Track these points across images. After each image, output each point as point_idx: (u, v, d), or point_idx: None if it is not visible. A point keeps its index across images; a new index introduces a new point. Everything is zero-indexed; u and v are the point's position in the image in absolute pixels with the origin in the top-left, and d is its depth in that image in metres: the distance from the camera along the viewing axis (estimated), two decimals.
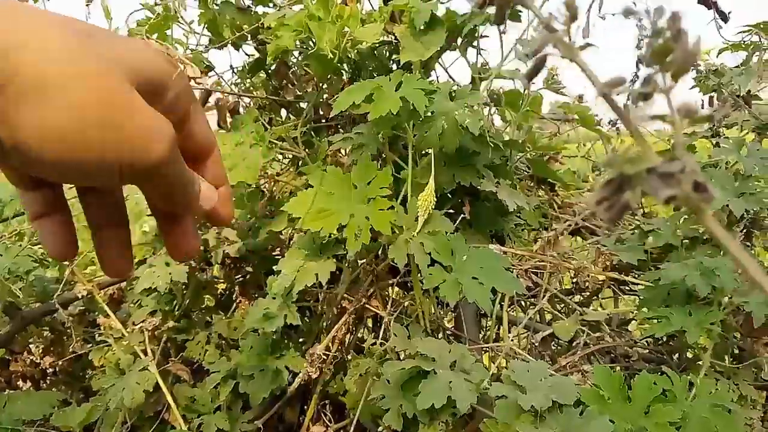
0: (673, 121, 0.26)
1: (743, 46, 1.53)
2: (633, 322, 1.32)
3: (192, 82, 1.38)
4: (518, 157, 1.48)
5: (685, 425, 0.83)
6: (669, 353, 1.16)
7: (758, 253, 1.40)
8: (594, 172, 1.93)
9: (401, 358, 1.01)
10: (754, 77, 1.38)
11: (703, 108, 1.63)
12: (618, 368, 1.13)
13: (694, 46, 0.26)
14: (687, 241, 1.19)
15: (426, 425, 0.92)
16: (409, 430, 0.96)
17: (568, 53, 0.27)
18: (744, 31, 1.47)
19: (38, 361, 1.65)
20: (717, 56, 1.63)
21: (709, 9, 1.20)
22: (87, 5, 1.56)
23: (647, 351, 1.17)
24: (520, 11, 1.13)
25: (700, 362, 1.06)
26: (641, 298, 1.16)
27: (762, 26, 1.44)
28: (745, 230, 1.21)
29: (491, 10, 0.31)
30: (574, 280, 1.36)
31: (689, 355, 1.18)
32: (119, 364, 1.19)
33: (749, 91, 1.37)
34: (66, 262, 1.35)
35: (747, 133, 1.36)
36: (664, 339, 1.21)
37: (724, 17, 1.24)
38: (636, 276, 1.23)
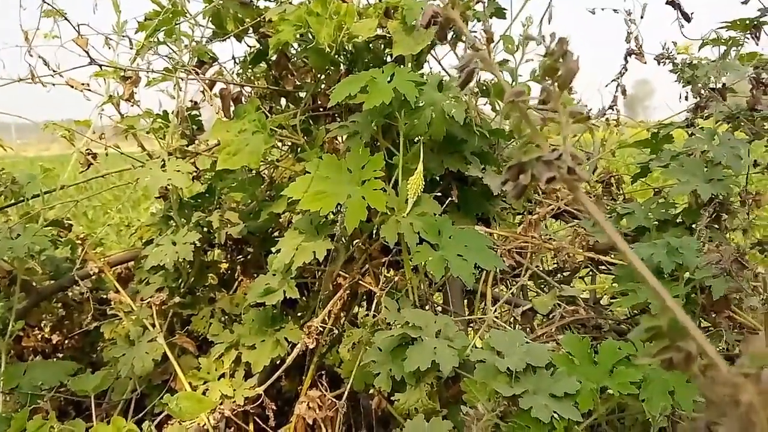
0: (561, 121, 0.34)
1: (722, 41, 1.61)
2: (606, 297, 1.41)
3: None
4: (505, 145, 1.57)
5: (645, 385, 0.92)
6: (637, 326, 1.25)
7: (731, 237, 1.49)
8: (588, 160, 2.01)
9: (391, 329, 1.10)
10: (730, 71, 1.47)
11: (686, 99, 1.71)
12: (589, 337, 1.22)
13: (574, 65, 0.34)
14: (657, 223, 1.28)
15: (413, 386, 1.02)
16: (399, 391, 1.05)
17: (488, 68, 0.36)
18: (722, 27, 1.55)
19: (48, 336, 1.75)
20: (699, 50, 1.72)
21: (675, 9, 1.28)
22: None
23: (617, 323, 1.26)
24: (505, 9, 1.22)
25: None
26: (614, 275, 1.25)
27: (738, 23, 1.53)
28: (714, 213, 1.30)
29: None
30: (555, 260, 1.45)
31: None
32: (129, 335, 1.28)
33: (724, 84, 1.45)
34: (78, 242, 1.43)
35: (721, 123, 1.44)
36: (634, 313, 1.30)
37: (687, 18, 1.33)
38: (611, 256, 1.32)
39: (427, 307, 1.24)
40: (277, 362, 1.26)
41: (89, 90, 1.51)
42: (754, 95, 1.30)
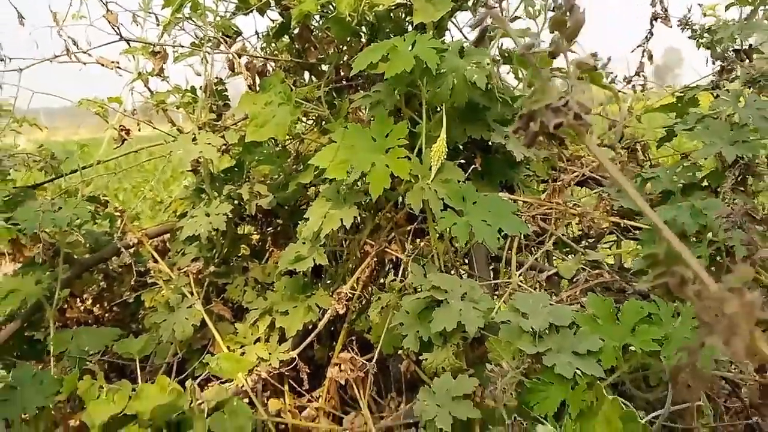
0: (567, 72, 0.37)
1: (749, 1, 1.58)
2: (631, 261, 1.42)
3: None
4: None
5: (667, 343, 0.94)
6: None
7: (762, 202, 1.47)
8: (611, 129, 2.00)
9: (418, 293, 1.13)
10: (756, 31, 1.44)
11: (714, 63, 1.68)
12: (611, 298, 1.24)
13: (581, 17, 0.36)
14: (683, 186, 1.28)
15: (440, 347, 1.05)
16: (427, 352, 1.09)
17: (500, 24, 0.38)
18: None
19: (90, 308, 1.83)
20: (726, 10, 1.68)
21: None
22: None
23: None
24: None
25: None
26: (639, 239, 1.26)
27: None
28: (739, 175, 1.29)
29: None
30: (581, 226, 1.46)
31: None
32: (169, 302, 1.34)
33: (751, 45, 1.43)
34: (117, 214, 1.49)
35: (746, 86, 1.42)
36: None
37: None
38: (637, 221, 1.33)
39: (452, 273, 1.27)
40: (309, 327, 1.31)
41: (119, 68, 1.55)
42: None
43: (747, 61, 1.43)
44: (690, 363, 0.35)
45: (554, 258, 1.55)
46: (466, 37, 1.57)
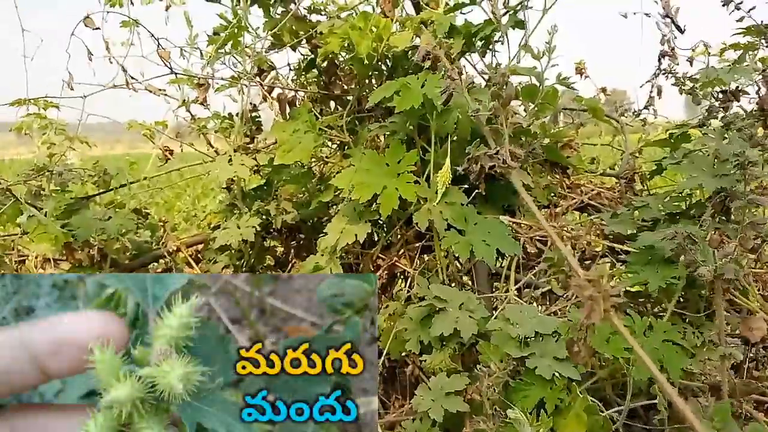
0: (503, 128, 0.51)
1: (742, 46, 1.71)
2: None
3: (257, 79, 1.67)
4: (533, 143, 1.71)
5: (636, 352, 1.06)
6: (645, 305, 1.38)
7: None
8: (621, 159, 2.13)
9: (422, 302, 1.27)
10: (744, 75, 1.56)
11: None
12: None
13: (511, 91, 0.51)
14: (669, 215, 1.41)
15: (438, 350, 1.19)
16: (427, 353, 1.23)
17: (460, 91, 0.54)
18: (738, 33, 1.65)
19: None
20: (720, 54, 1.82)
21: (671, 22, 1.40)
22: (166, 9, 1.87)
23: (628, 303, 1.39)
24: (524, 20, 1.37)
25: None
26: (628, 261, 1.38)
27: (753, 29, 1.62)
28: (722, 206, 1.41)
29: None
30: (576, 249, 1.59)
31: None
32: None
33: (737, 87, 1.55)
34: (160, 224, 1.67)
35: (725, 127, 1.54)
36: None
37: (680, 29, 1.44)
38: (626, 245, 1.45)
39: (453, 285, 1.41)
40: None
41: (166, 95, 1.75)
42: (761, 96, 1.40)
43: (734, 102, 1.55)
44: (581, 337, 0.49)
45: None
46: (479, 72, 1.73)
